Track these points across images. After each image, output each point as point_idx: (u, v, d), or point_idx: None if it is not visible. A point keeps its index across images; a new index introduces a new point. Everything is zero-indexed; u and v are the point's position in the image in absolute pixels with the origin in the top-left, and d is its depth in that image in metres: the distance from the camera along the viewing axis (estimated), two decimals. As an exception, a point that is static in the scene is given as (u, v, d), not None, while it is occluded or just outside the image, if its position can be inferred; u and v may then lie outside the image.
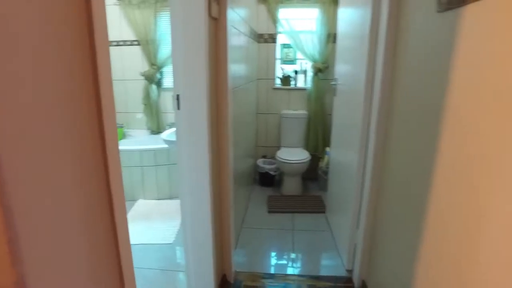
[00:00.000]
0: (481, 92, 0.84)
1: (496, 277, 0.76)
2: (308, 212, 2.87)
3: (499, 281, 0.75)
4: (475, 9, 0.88)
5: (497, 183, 0.76)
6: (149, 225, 2.61)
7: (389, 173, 1.56)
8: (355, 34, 1.97)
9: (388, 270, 1.54)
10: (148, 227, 2.57)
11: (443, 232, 1.02)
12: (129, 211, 2.83)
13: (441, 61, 1.05)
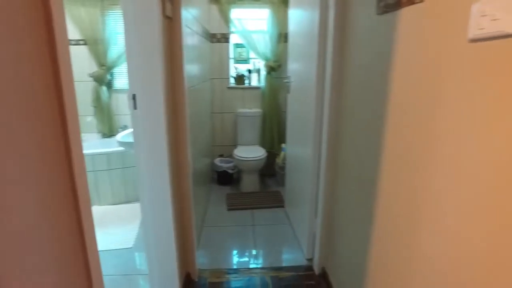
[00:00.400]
0: (415, 82, 0.95)
1: (435, 250, 0.87)
2: (267, 208, 2.95)
3: (437, 253, 0.86)
4: (407, 13, 0.99)
5: (435, 167, 0.87)
6: (106, 231, 2.50)
7: (343, 163, 1.67)
8: (305, 34, 2.07)
9: (345, 254, 1.65)
10: (105, 233, 2.47)
11: (390, 213, 1.13)
12: (82, 219, 2.69)
13: (382, 57, 1.16)
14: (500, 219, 0.66)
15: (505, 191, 0.64)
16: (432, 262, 0.89)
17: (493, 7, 0.64)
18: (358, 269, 1.44)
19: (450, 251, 0.81)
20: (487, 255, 0.69)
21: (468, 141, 0.74)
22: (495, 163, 0.67)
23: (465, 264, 0.76)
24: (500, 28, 0.62)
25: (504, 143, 0.64)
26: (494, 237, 0.67)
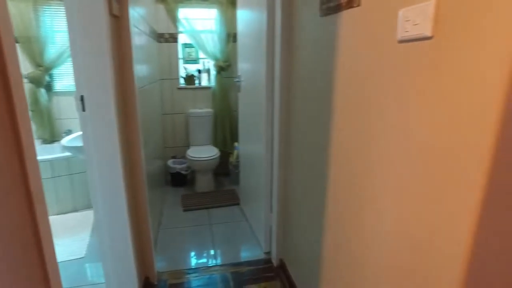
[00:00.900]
0: (356, 78, 1.06)
1: (378, 231, 0.98)
2: (223, 206, 2.98)
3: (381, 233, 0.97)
4: (347, 15, 1.10)
5: (374, 156, 0.98)
6: (54, 242, 2.35)
7: (295, 158, 1.77)
8: (254, 34, 2.14)
9: (301, 245, 1.75)
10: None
11: (339, 202, 1.24)
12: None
13: (326, 56, 1.26)
14: (428, 203, 0.77)
15: (431, 173, 0.75)
16: (379, 243, 1.00)
17: (414, 13, 0.75)
18: (314, 257, 1.54)
19: (390, 233, 0.92)
20: (421, 232, 0.81)
21: (401, 128, 0.85)
22: (424, 149, 0.78)
23: (403, 245, 0.87)
24: (420, 31, 0.73)
25: (429, 128, 0.75)
26: (424, 219, 0.79)
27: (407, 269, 0.87)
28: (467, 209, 0.66)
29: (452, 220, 0.71)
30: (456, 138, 0.68)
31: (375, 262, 1.01)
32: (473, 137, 0.64)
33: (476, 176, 0.64)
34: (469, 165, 0.65)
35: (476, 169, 0.64)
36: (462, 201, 0.68)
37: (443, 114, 0.70)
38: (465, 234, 0.67)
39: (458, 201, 0.69)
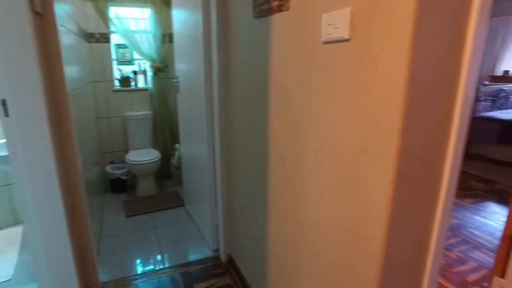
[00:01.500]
0: (288, 75, 1.15)
1: (313, 217, 1.08)
2: (168, 209, 2.93)
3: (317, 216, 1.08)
4: (278, 18, 1.18)
5: (308, 149, 1.08)
6: (-27, 266, 2.10)
7: (236, 155, 1.83)
8: (190, 35, 2.15)
9: (248, 239, 1.82)
10: (-29, 269, 2.07)
11: (279, 195, 1.33)
12: None
13: (261, 56, 1.34)
14: (359, 191, 0.88)
15: (355, 160, 0.87)
16: (313, 233, 1.10)
17: (334, 18, 0.85)
18: (260, 249, 1.61)
19: (323, 218, 1.03)
20: (347, 222, 0.92)
21: (331, 117, 0.96)
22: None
23: (334, 232, 0.98)
24: (340, 34, 0.84)
25: (351, 118, 0.86)
26: (351, 207, 0.90)
27: (337, 251, 0.98)
28: (384, 186, 0.78)
29: (372, 203, 0.82)
30: (372, 126, 0.79)
31: (313, 249, 1.12)
32: (385, 125, 0.75)
33: (389, 158, 0.75)
34: (383, 149, 0.77)
35: (389, 152, 0.75)
36: (379, 178, 0.79)
37: (362, 106, 0.82)
38: (383, 208, 0.79)
39: (376, 180, 0.80)
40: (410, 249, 0.89)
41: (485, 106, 4.50)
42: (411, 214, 0.84)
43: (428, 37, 0.69)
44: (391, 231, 0.81)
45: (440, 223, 0.89)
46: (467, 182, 3.56)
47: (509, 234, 1.46)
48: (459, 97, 0.77)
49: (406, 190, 0.79)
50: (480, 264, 2.16)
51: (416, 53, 0.68)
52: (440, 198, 0.87)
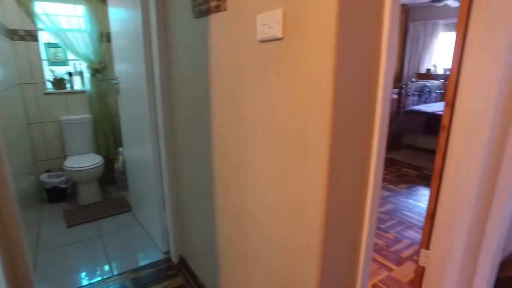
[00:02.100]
0: (228, 72, 1.19)
1: (257, 212, 1.14)
2: (113, 215, 2.81)
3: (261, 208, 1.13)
4: (217, 18, 1.21)
5: (248, 145, 1.13)
6: None
7: (182, 155, 1.82)
8: (129, 34, 2.09)
9: (198, 238, 1.83)
10: None
11: (225, 192, 1.36)
12: None
13: (202, 54, 1.36)
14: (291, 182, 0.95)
15: (294, 150, 0.93)
16: (259, 224, 1.15)
17: (268, 18, 0.91)
18: (210, 246, 1.63)
19: (266, 212, 1.09)
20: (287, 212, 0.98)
21: (270, 111, 1.01)
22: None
23: (278, 218, 1.05)
24: (274, 33, 0.89)
25: (288, 111, 0.93)
26: (286, 195, 0.97)
27: (281, 241, 1.04)
28: (319, 174, 0.85)
29: (310, 193, 0.89)
30: (306, 118, 0.86)
31: (259, 239, 1.17)
32: (317, 116, 0.82)
33: (322, 145, 0.83)
34: (317, 137, 0.84)
35: (321, 140, 0.83)
36: (315, 166, 0.86)
37: (296, 100, 0.88)
38: (320, 191, 0.87)
39: (313, 168, 0.87)
40: (347, 229, 0.98)
41: (413, 100, 4.97)
42: (345, 199, 0.92)
43: (349, 36, 0.77)
44: (328, 215, 0.88)
45: (371, 204, 0.99)
46: (401, 170, 3.91)
47: (430, 211, 1.65)
48: (379, 90, 0.87)
49: (339, 178, 0.87)
50: (412, 241, 2.40)
51: (340, 50, 0.75)
52: (369, 182, 0.97)
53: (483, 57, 1.33)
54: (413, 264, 2.11)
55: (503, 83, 1.31)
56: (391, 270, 2.08)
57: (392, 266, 2.12)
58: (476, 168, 1.42)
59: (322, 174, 0.84)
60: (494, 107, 1.32)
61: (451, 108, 1.46)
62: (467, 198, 1.48)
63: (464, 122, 1.42)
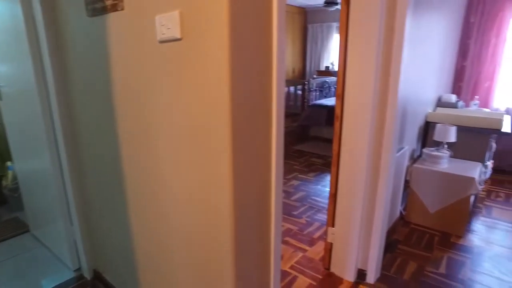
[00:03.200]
0: (130, 72, 1.16)
1: (168, 208, 1.14)
2: (6, 239, 2.45)
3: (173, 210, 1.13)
4: (114, 17, 1.17)
5: (156, 139, 1.12)
6: None
7: (87, 160, 1.69)
8: (7, 31, 1.83)
9: (112, 245, 1.72)
10: None
11: (138, 187, 1.32)
12: None
13: (101, 54, 1.29)
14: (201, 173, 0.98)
15: (199, 147, 0.96)
16: (169, 218, 1.16)
17: (166, 19, 0.92)
18: (126, 251, 1.56)
19: (175, 207, 1.10)
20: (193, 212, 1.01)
21: (175, 110, 1.02)
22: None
23: (192, 214, 1.07)
24: (172, 34, 0.91)
25: (191, 109, 0.95)
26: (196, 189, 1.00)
27: (195, 232, 1.07)
28: (225, 165, 0.90)
29: (218, 176, 0.94)
30: (207, 116, 0.90)
31: (176, 236, 1.18)
32: (218, 113, 0.87)
33: (225, 142, 0.88)
34: (219, 135, 0.89)
35: (223, 137, 0.88)
36: (220, 166, 0.91)
37: (198, 97, 0.91)
38: (227, 178, 0.92)
39: (218, 168, 0.92)
40: (255, 221, 1.05)
41: (315, 95, 5.45)
42: (251, 193, 0.99)
43: (242, 37, 0.83)
44: (236, 210, 0.94)
45: (275, 195, 1.09)
46: (309, 160, 4.27)
47: (332, 193, 1.86)
48: (274, 86, 0.96)
49: (244, 174, 0.93)
50: (322, 223, 2.66)
51: (235, 50, 0.81)
52: (272, 173, 1.06)
53: (360, 56, 1.55)
54: (324, 242, 2.34)
55: (376, 78, 1.55)
56: (305, 251, 2.27)
57: (306, 247, 2.32)
58: (363, 152, 1.66)
59: (227, 173, 0.90)
60: (372, 98, 1.56)
61: (341, 100, 1.67)
62: (359, 178, 1.72)
63: (352, 112, 1.64)
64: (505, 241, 2.41)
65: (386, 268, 2.06)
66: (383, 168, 1.70)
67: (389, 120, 1.60)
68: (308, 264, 2.12)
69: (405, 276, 2.00)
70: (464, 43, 3.93)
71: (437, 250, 2.28)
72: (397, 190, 2.43)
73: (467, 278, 1.99)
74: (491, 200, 3.11)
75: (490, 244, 2.37)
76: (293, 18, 7.07)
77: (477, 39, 3.85)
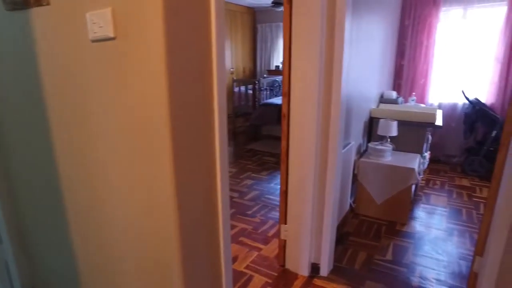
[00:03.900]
0: (61, 73, 1.07)
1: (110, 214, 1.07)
2: None
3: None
4: (38, 12, 1.06)
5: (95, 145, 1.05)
6: None
7: (16, 169, 1.54)
8: None
9: (51, 262, 1.58)
10: None
11: (78, 193, 1.23)
12: None
13: (24, 51, 1.17)
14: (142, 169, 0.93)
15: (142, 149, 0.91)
16: (113, 224, 1.09)
17: (98, 17, 0.86)
18: (68, 268, 1.45)
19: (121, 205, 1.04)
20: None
21: (113, 109, 0.96)
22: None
23: (135, 208, 1.01)
24: (105, 33, 0.85)
25: (130, 105, 0.90)
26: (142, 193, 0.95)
27: (139, 228, 1.02)
28: (166, 164, 0.87)
29: (160, 173, 0.90)
30: (147, 113, 0.86)
31: (120, 245, 1.11)
32: (157, 112, 0.83)
33: (165, 141, 0.84)
34: (159, 133, 0.85)
35: (163, 136, 0.84)
36: (161, 168, 0.88)
37: (137, 99, 0.87)
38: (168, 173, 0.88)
39: (159, 170, 0.88)
40: (200, 219, 1.03)
41: (266, 94, 5.51)
42: (194, 186, 0.97)
43: (179, 35, 0.80)
44: (180, 206, 0.91)
45: (221, 188, 1.07)
46: (262, 159, 4.31)
47: (283, 190, 1.89)
48: (215, 85, 0.94)
49: (186, 174, 0.91)
50: (276, 221, 2.69)
51: (171, 49, 0.78)
52: (217, 174, 1.04)
53: (304, 55, 1.59)
54: (278, 240, 2.37)
55: (321, 76, 1.60)
56: (260, 249, 2.28)
57: (261, 246, 2.33)
58: (311, 149, 1.70)
59: (169, 174, 0.86)
60: (317, 96, 1.60)
61: (287, 98, 1.69)
62: (308, 175, 1.76)
63: (298, 110, 1.68)
64: (441, 225, 2.63)
65: (339, 260, 2.15)
66: (330, 164, 1.76)
67: (334, 117, 1.66)
68: (263, 263, 2.14)
69: (356, 266, 2.09)
70: (402, 43, 4.22)
71: (384, 238, 2.43)
72: (346, 184, 2.54)
73: (410, 261, 2.14)
74: (429, 188, 3.38)
75: (429, 228, 2.57)
76: (242, 18, 7.09)
77: (412, 40, 4.15)
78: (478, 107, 3.57)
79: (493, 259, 1.39)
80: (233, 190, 3.30)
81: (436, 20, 3.96)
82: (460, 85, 3.92)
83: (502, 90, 3.76)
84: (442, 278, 1.99)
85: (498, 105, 3.79)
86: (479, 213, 2.82)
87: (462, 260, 2.16)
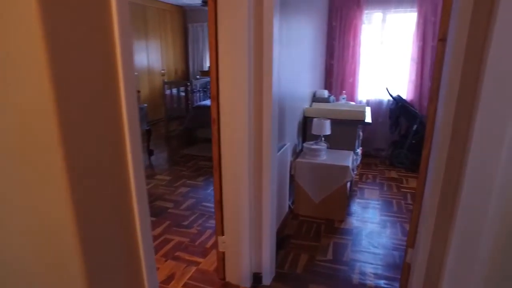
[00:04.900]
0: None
1: None
2: None
3: None
4: None
5: None
6: None
7: None
8: None
9: None
10: None
11: None
12: None
13: None
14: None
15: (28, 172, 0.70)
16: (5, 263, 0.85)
17: None
18: None
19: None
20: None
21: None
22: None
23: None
24: None
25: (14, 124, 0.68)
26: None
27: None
28: (60, 182, 0.67)
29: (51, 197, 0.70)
30: (33, 132, 0.65)
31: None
32: (45, 129, 0.63)
33: (53, 153, 0.65)
34: (45, 148, 0.65)
35: (51, 150, 0.64)
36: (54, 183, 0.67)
37: (17, 115, 0.65)
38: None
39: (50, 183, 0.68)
40: (111, 239, 0.84)
41: (200, 96, 5.31)
42: (100, 206, 0.78)
43: (67, 31, 0.61)
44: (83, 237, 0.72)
45: (138, 207, 0.89)
46: (198, 164, 4.10)
47: (218, 199, 1.74)
48: (122, 89, 0.76)
49: (86, 186, 0.71)
50: (214, 229, 2.53)
51: (55, 49, 0.59)
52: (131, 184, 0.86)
53: (231, 56, 1.47)
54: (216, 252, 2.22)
55: (250, 78, 1.49)
56: (199, 263, 2.11)
57: (199, 259, 2.15)
58: (244, 154, 1.58)
59: (65, 200, 0.67)
60: (248, 98, 1.49)
61: (216, 102, 1.55)
62: (243, 181, 1.64)
63: (229, 114, 1.55)
64: (375, 218, 2.72)
65: (281, 266, 2.07)
66: (266, 168, 1.67)
67: (267, 118, 1.56)
68: (202, 278, 1.97)
69: (298, 270, 2.04)
70: (330, 44, 4.36)
71: (324, 237, 2.42)
72: (284, 186, 2.48)
73: (350, 259, 2.15)
74: (362, 182, 3.51)
75: (365, 223, 2.64)
76: (172, 17, 6.77)
77: (340, 41, 4.31)
78: (401, 103, 3.82)
79: (423, 250, 1.41)
80: (167, 200, 3.06)
81: (361, 22, 4.16)
82: (384, 83, 4.17)
83: (418, 88, 4.09)
84: (379, 271, 2.03)
85: (416, 101, 4.11)
86: (407, 203, 2.99)
87: (395, 251, 2.23)
